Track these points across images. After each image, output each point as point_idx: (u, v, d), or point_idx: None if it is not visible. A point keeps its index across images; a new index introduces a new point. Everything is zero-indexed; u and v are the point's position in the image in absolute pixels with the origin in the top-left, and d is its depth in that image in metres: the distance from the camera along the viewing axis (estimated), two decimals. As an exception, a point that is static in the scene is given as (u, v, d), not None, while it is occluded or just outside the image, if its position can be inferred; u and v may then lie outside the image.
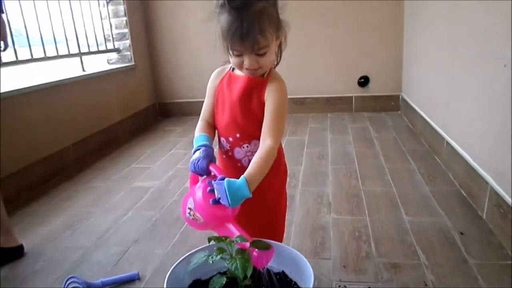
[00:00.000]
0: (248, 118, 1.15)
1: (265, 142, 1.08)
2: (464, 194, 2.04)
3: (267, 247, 0.99)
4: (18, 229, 1.97)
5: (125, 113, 3.66)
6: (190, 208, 1.05)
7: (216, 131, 1.25)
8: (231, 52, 1.07)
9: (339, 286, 1.41)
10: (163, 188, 2.38)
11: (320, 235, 1.76)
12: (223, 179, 1.00)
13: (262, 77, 1.15)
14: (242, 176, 1.01)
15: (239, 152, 1.19)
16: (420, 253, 1.58)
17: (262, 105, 1.13)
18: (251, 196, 1.00)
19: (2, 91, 2.31)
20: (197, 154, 1.10)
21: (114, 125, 3.47)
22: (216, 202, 1.00)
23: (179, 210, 2.06)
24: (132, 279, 1.52)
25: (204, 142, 1.14)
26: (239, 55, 1.06)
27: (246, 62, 1.06)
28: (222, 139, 1.22)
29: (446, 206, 1.95)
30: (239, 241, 0.96)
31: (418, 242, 1.66)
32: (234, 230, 1.01)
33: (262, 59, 1.07)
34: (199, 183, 1.08)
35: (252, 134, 1.16)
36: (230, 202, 0.98)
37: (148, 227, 1.93)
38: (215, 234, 1.08)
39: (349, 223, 1.85)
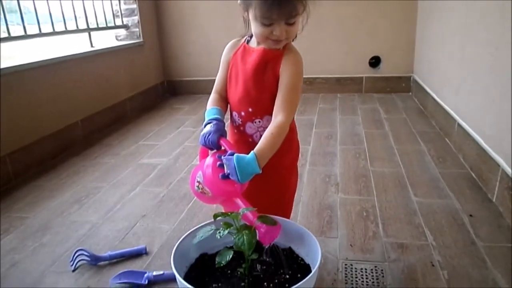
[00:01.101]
0: (261, 92, 1.13)
1: (277, 117, 1.06)
2: (475, 177, 2.02)
3: (274, 223, 0.99)
4: (26, 203, 1.99)
5: (133, 90, 3.65)
6: (199, 182, 1.04)
7: (228, 105, 1.23)
8: (261, 22, 1.03)
9: (346, 264, 1.41)
10: (170, 165, 2.38)
11: (328, 214, 1.76)
12: (232, 154, 0.99)
13: (277, 49, 1.12)
14: (252, 152, 1.00)
15: (250, 127, 1.17)
16: (428, 234, 1.57)
17: (276, 78, 1.11)
18: (260, 172, 0.99)
19: (11, 65, 2.31)
20: (208, 127, 1.09)
21: (123, 101, 3.47)
22: (226, 177, 0.99)
23: (187, 187, 2.07)
24: (139, 253, 1.53)
25: (216, 116, 1.13)
26: (269, 25, 1.03)
27: (277, 31, 1.03)
28: (234, 113, 1.20)
29: (456, 188, 1.93)
30: (245, 212, 0.95)
31: (426, 223, 1.64)
32: (241, 205, 1.01)
33: (290, 29, 1.05)
34: (209, 157, 1.07)
35: (265, 109, 1.14)
36: (239, 177, 0.97)
37: (155, 203, 1.93)
38: (222, 210, 1.08)
39: (356, 203, 1.84)
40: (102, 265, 1.49)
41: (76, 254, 1.49)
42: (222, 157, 1.01)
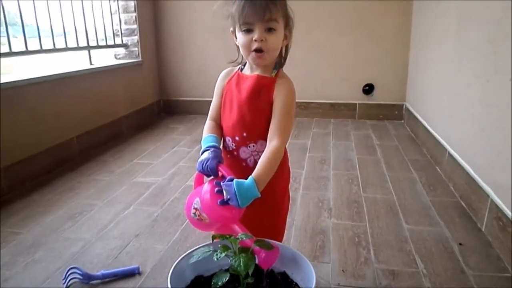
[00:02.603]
0: (256, 117, 1.17)
1: (272, 142, 1.10)
2: (464, 206, 2.06)
3: (270, 247, 1.01)
4: (20, 218, 1.99)
5: (130, 108, 3.68)
6: (195, 208, 1.05)
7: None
8: (242, 29, 1.11)
9: (337, 290, 1.43)
10: (165, 185, 2.40)
11: (320, 239, 1.78)
12: (232, 180, 1.02)
13: (270, 76, 1.18)
14: (250, 177, 1.03)
15: (244, 152, 1.20)
16: (419, 261, 1.60)
17: (270, 104, 1.15)
18: (259, 196, 1.02)
19: (10, 80, 2.33)
20: (206, 154, 1.11)
21: (119, 119, 3.49)
22: (225, 203, 1.01)
23: (181, 207, 2.08)
24: (132, 273, 1.53)
25: (213, 143, 1.16)
26: (249, 30, 1.10)
27: (256, 35, 1.09)
28: (228, 138, 1.23)
29: (446, 216, 1.96)
30: (243, 238, 0.98)
31: (417, 251, 1.67)
32: (238, 231, 1.03)
33: (270, 37, 1.10)
34: (206, 184, 1.09)
35: (259, 134, 1.17)
36: (239, 202, 0.99)
37: (149, 223, 1.94)
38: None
39: (349, 229, 1.86)
40: (95, 284, 1.49)
41: (69, 272, 1.48)
42: (222, 183, 1.03)
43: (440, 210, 2.03)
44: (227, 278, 0.93)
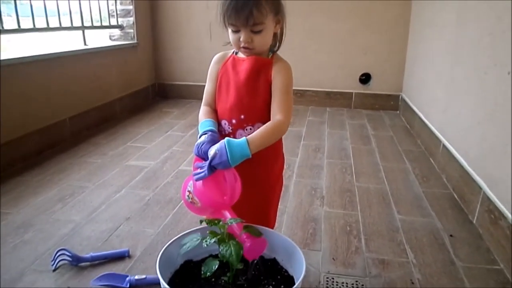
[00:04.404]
0: (254, 98, 1.16)
1: (276, 116, 1.11)
2: (456, 198, 2.06)
3: (259, 234, 1.00)
4: (10, 198, 1.97)
5: (124, 91, 3.64)
6: (189, 191, 1.06)
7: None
8: (229, 29, 1.11)
9: (327, 278, 1.43)
10: (157, 169, 2.38)
11: (312, 226, 1.78)
12: None
13: (267, 58, 1.18)
14: (243, 137, 1.04)
15: (241, 135, 1.18)
16: (409, 251, 1.60)
17: (268, 84, 1.15)
18: (250, 156, 1.02)
19: (3, 58, 2.29)
20: (202, 138, 1.11)
21: (112, 102, 3.45)
22: (211, 169, 1.00)
23: (173, 192, 2.07)
24: (122, 256, 1.52)
25: (210, 127, 1.15)
26: (236, 31, 1.10)
27: (242, 37, 1.09)
28: (224, 121, 1.21)
29: (438, 208, 1.97)
30: (232, 222, 0.97)
31: (408, 241, 1.67)
32: (229, 217, 1.02)
33: (257, 37, 1.10)
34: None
35: (257, 116, 1.16)
36: (229, 157, 0.99)
37: (140, 206, 1.93)
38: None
39: (341, 217, 1.86)
40: (84, 266, 1.48)
41: (58, 254, 1.47)
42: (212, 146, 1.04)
43: (432, 201, 2.03)
44: (216, 266, 0.92)
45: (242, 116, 1.17)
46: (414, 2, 3.57)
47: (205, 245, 0.93)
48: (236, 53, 1.22)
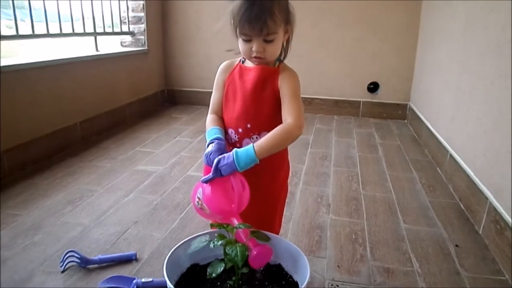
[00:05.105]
0: (261, 108, 1.17)
1: (286, 120, 1.11)
2: (463, 208, 2.06)
3: (267, 239, 1.02)
4: (20, 200, 2.01)
5: (134, 96, 3.68)
6: (198, 198, 1.09)
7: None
8: (240, 38, 1.11)
9: (332, 285, 1.43)
10: (165, 174, 2.41)
11: (317, 234, 1.78)
12: None
13: (274, 67, 1.19)
14: (250, 144, 1.06)
15: (247, 144, 1.19)
16: (414, 260, 1.60)
17: (275, 93, 1.16)
18: (258, 161, 1.03)
19: (15, 63, 2.33)
20: (210, 147, 1.12)
21: (122, 107, 3.50)
22: (217, 171, 1.03)
23: (180, 197, 2.10)
24: (129, 259, 1.55)
25: (217, 136, 1.16)
26: (248, 40, 1.10)
27: (254, 47, 1.10)
28: (231, 130, 1.23)
29: (444, 217, 1.96)
30: (241, 227, 0.99)
31: (413, 250, 1.67)
32: (236, 224, 1.04)
33: (268, 47, 1.11)
34: None
35: (263, 125, 1.18)
36: (235, 159, 1.01)
37: (148, 210, 1.95)
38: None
39: (346, 225, 1.87)
40: (92, 268, 1.50)
41: (67, 255, 1.50)
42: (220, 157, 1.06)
43: (438, 211, 2.03)
44: (222, 268, 0.94)
45: (249, 125, 1.19)
46: (423, 12, 3.59)
47: (212, 246, 0.95)
48: (243, 62, 1.24)
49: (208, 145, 1.14)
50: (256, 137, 1.19)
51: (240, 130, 1.20)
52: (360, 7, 3.73)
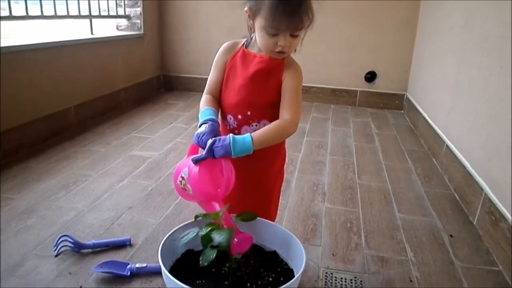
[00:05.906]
0: (262, 96, 1.16)
1: (284, 116, 1.11)
2: (458, 198, 2.06)
3: (253, 218, 1.02)
4: (14, 184, 1.99)
5: (129, 81, 3.65)
6: (182, 177, 1.05)
7: (221, 108, 1.24)
8: (267, 31, 1.06)
9: (326, 273, 1.44)
10: (161, 160, 2.39)
11: (312, 222, 1.78)
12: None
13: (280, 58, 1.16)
14: (248, 134, 1.04)
15: (246, 131, 1.18)
16: (409, 250, 1.61)
17: (279, 85, 1.14)
18: (252, 151, 1.02)
19: (8, 45, 2.30)
20: (203, 128, 1.09)
21: (118, 91, 3.46)
22: (210, 152, 1.01)
23: (175, 183, 2.08)
24: (123, 244, 1.54)
25: (211, 117, 1.13)
26: (275, 35, 1.06)
27: (281, 42, 1.06)
28: (229, 116, 1.20)
29: (439, 208, 1.97)
30: (225, 210, 0.99)
31: (408, 239, 1.68)
32: (217, 208, 1.02)
33: (294, 41, 1.09)
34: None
35: (263, 113, 1.16)
36: (231, 143, 1.00)
37: (143, 196, 1.94)
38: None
39: (341, 214, 1.87)
40: (85, 252, 1.49)
41: (60, 240, 1.49)
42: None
43: (433, 201, 2.04)
44: (214, 255, 0.93)
45: (249, 113, 1.17)
46: (423, 3, 3.56)
47: (200, 235, 0.95)
48: (246, 46, 1.20)
49: (200, 125, 1.11)
50: (256, 125, 1.17)
51: (239, 116, 1.18)
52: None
